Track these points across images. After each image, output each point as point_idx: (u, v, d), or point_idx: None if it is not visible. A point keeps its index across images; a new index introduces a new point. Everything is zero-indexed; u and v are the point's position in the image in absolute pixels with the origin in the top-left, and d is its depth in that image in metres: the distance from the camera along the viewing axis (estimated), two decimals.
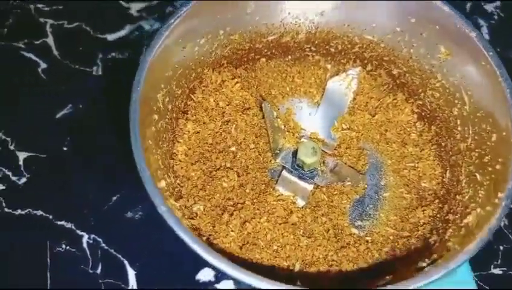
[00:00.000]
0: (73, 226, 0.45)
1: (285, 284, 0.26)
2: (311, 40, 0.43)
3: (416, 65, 0.40)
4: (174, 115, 0.38)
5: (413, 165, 0.41)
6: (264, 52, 0.44)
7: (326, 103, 0.44)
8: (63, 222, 0.45)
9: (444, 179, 0.39)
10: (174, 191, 0.35)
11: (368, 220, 0.40)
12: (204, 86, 0.41)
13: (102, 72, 0.54)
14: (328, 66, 0.45)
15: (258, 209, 0.37)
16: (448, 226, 0.34)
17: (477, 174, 0.34)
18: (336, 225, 0.38)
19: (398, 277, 0.29)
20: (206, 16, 0.37)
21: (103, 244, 0.44)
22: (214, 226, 0.35)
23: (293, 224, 0.37)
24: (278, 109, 0.44)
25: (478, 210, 0.31)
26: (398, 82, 0.43)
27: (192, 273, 0.43)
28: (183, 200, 0.36)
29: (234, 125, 0.40)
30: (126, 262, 0.44)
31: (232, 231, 0.35)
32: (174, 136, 0.39)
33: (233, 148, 0.40)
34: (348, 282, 0.34)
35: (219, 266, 0.27)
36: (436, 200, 0.38)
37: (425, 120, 0.42)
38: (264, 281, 0.26)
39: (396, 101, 0.43)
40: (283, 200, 0.39)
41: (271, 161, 0.42)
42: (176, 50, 0.36)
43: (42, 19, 0.57)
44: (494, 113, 0.33)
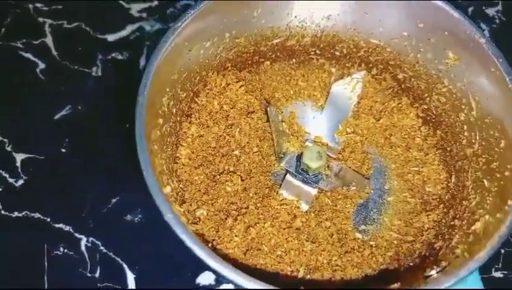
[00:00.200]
0: (72, 229, 0.44)
1: None
2: (316, 43, 0.43)
3: (422, 70, 0.40)
4: (178, 119, 0.37)
5: (417, 169, 0.41)
6: (268, 55, 0.43)
7: (331, 107, 0.44)
8: (61, 225, 0.45)
9: (449, 184, 0.39)
10: (177, 195, 0.35)
11: (372, 224, 0.40)
12: (208, 89, 0.40)
13: (102, 73, 0.53)
14: (333, 69, 0.45)
15: (262, 214, 0.37)
16: (454, 232, 0.34)
17: (484, 180, 0.34)
18: (340, 230, 0.38)
19: (406, 284, 0.29)
20: (213, 19, 0.36)
21: (102, 248, 0.44)
22: (217, 231, 0.35)
23: (297, 229, 0.37)
24: (281, 113, 0.44)
25: (486, 217, 0.31)
26: (403, 86, 0.42)
27: (192, 276, 0.43)
28: (186, 204, 0.36)
29: (238, 129, 0.40)
30: (125, 265, 0.43)
31: (236, 236, 0.35)
32: (178, 139, 0.38)
33: (237, 152, 0.39)
34: (352, 288, 0.34)
35: (227, 274, 0.26)
36: (441, 205, 0.38)
37: (431, 125, 0.41)
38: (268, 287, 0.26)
39: (401, 105, 0.43)
40: (287, 205, 0.38)
41: (274, 165, 0.41)
42: (182, 53, 0.35)
43: (41, 19, 0.56)
44: (503, 119, 0.33)
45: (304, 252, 0.36)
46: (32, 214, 0.45)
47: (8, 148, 0.48)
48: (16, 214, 0.45)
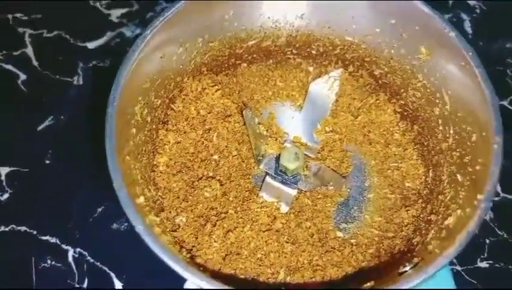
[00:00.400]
0: (58, 241, 0.45)
1: None
2: (292, 43, 0.43)
3: (397, 65, 0.40)
4: (153, 126, 0.37)
5: (396, 165, 0.41)
6: (244, 57, 0.43)
7: (309, 106, 0.44)
8: (47, 237, 0.45)
9: (427, 179, 0.39)
10: (155, 204, 0.35)
11: (353, 222, 0.40)
12: (184, 94, 0.40)
13: (83, 81, 0.53)
14: (310, 68, 0.44)
15: (241, 218, 0.37)
16: (430, 227, 0.34)
17: (458, 175, 0.34)
18: (321, 229, 0.38)
19: (381, 282, 0.29)
20: (183, 25, 0.36)
21: (89, 258, 0.44)
22: (196, 238, 0.35)
23: (277, 231, 0.37)
24: (260, 114, 0.44)
25: (458, 212, 0.31)
26: (380, 82, 0.42)
27: (180, 283, 0.43)
28: (165, 212, 0.36)
29: (216, 133, 0.40)
30: (112, 274, 0.43)
31: (215, 241, 0.35)
32: (155, 147, 0.38)
33: (216, 157, 0.40)
34: (332, 287, 0.34)
35: (198, 283, 0.26)
36: (420, 200, 0.38)
37: (408, 120, 0.41)
38: None
39: (378, 101, 0.43)
40: (267, 207, 0.38)
41: (254, 168, 0.41)
42: (153, 61, 0.35)
43: (21, 29, 0.56)
44: (474, 113, 0.33)
45: (284, 253, 0.36)
46: (18, 228, 0.45)
47: None
48: (3, 228, 0.45)
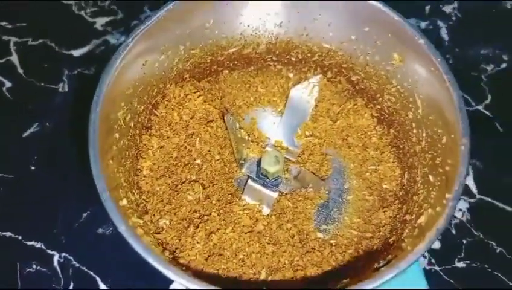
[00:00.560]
0: (44, 246, 0.45)
1: None
2: (272, 50, 0.44)
3: (372, 71, 0.41)
4: (137, 132, 0.38)
5: (374, 167, 0.42)
6: (226, 64, 0.44)
7: (290, 111, 0.45)
8: (32, 242, 0.45)
9: (402, 180, 0.40)
10: (138, 207, 0.36)
11: (333, 223, 0.41)
12: (167, 100, 0.41)
13: (68, 88, 0.54)
14: (290, 74, 0.46)
15: (223, 220, 0.38)
16: (405, 226, 0.35)
17: (430, 176, 0.35)
18: (301, 231, 0.39)
19: (357, 279, 0.30)
20: (164, 34, 0.37)
21: (74, 262, 0.44)
22: (179, 240, 0.36)
23: (258, 232, 0.38)
24: (242, 119, 0.45)
25: (429, 211, 0.32)
26: (357, 88, 0.44)
27: (165, 285, 0.43)
28: (149, 215, 0.37)
29: (198, 138, 0.41)
30: (98, 278, 0.44)
31: (197, 243, 0.36)
32: (138, 152, 0.39)
33: (199, 161, 0.40)
34: (312, 285, 0.35)
35: (180, 282, 0.27)
36: (396, 201, 0.40)
37: (384, 124, 0.43)
38: None
39: (356, 106, 0.44)
40: (249, 209, 0.40)
41: (237, 171, 0.42)
42: (135, 68, 0.36)
43: (6, 37, 0.57)
44: (444, 116, 0.34)
45: (266, 254, 0.37)
46: (3, 233, 0.46)
47: None
48: None
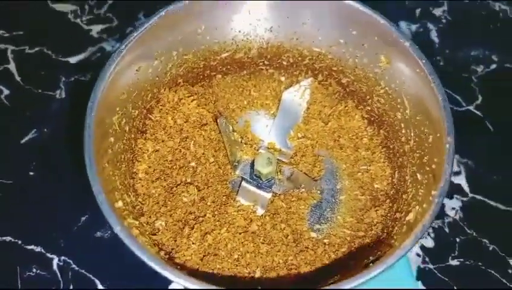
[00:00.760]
0: (43, 250, 0.46)
1: None
2: (263, 54, 0.45)
3: (361, 74, 0.42)
4: (132, 136, 0.39)
5: (366, 168, 0.43)
6: (219, 68, 0.45)
7: (282, 114, 0.46)
8: (32, 246, 0.46)
9: (393, 180, 0.41)
10: (134, 209, 0.36)
11: (326, 223, 0.42)
12: (161, 105, 0.42)
13: (65, 95, 0.55)
14: (282, 78, 0.47)
15: (218, 221, 0.39)
16: (395, 224, 0.36)
17: (418, 174, 0.36)
18: (295, 230, 0.40)
19: (348, 275, 0.31)
20: (157, 40, 0.38)
21: (73, 266, 0.45)
22: (175, 240, 0.37)
23: (253, 232, 0.39)
24: (236, 122, 0.46)
25: (417, 208, 0.33)
26: (347, 90, 0.45)
27: (163, 286, 0.44)
28: (145, 217, 0.37)
29: (193, 142, 0.42)
30: (97, 281, 0.45)
31: (193, 243, 0.37)
32: (134, 155, 0.40)
33: (193, 164, 0.41)
34: (305, 284, 0.36)
35: (176, 281, 0.28)
36: (388, 200, 0.41)
37: (375, 125, 0.44)
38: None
39: (347, 108, 0.45)
40: (243, 210, 0.40)
41: (231, 173, 0.43)
42: (129, 74, 0.37)
43: (3, 45, 0.58)
44: (430, 116, 0.35)
45: (260, 254, 0.38)
46: (3, 238, 0.46)
47: None
48: None
